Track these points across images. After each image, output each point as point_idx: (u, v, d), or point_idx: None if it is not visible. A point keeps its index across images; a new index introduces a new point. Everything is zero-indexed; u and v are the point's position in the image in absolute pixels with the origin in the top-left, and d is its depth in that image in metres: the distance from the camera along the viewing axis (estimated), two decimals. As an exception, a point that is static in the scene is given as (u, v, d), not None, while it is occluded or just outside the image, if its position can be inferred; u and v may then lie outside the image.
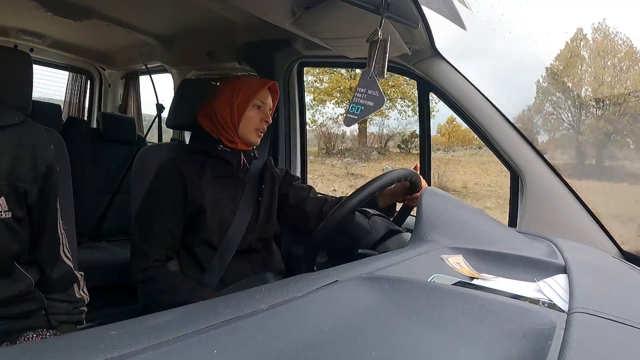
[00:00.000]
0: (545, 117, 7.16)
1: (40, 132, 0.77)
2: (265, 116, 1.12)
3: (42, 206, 0.76)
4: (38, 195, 0.74)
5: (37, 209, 0.75)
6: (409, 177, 0.99)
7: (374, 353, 0.38)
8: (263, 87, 1.12)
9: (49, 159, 0.75)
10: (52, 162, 0.76)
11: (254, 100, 1.10)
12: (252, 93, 1.11)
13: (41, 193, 0.75)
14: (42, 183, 0.75)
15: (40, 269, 0.78)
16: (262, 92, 1.12)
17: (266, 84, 1.13)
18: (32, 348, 0.36)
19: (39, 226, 0.77)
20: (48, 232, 0.78)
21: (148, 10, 1.76)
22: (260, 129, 1.12)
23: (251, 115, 1.11)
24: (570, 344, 0.37)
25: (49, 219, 0.78)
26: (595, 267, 0.71)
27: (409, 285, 0.51)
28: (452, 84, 1.21)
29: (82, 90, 2.82)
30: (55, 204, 0.79)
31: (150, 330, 0.35)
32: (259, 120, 1.12)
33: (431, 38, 1.17)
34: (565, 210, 1.11)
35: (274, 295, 0.45)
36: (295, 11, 1.09)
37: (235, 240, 1.08)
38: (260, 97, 1.11)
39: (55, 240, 0.80)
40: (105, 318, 1.09)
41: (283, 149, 1.69)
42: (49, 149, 0.76)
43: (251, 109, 1.11)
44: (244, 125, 1.10)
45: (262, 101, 1.12)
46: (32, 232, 0.76)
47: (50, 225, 0.78)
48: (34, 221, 0.76)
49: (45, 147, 0.76)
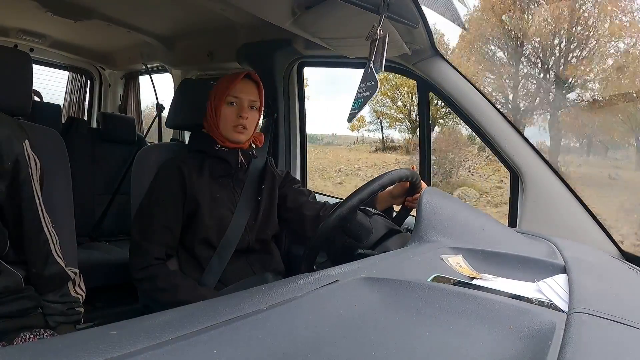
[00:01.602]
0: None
1: (6, 125, 0.73)
2: (241, 111, 1.09)
3: (14, 204, 0.73)
4: (7, 192, 0.71)
5: (9, 206, 0.72)
6: (409, 177, 0.99)
7: (373, 353, 0.38)
8: (234, 81, 1.09)
9: (14, 154, 0.71)
10: (20, 157, 0.72)
11: (226, 98, 1.09)
12: (224, 90, 1.09)
13: (11, 190, 0.71)
14: (11, 179, 0.71)
15: (28, 266, 0.76)
16: (234, 86, 1.09)
17: (238, 77, 1.10)
18: (32, 348, 0.36)
19: (16, 225, 0.74)
20: (29, 231, 0.75)
21: (148, 10, 1.76)
22: (238, 124, 1.09)
23: (226, 113, 1.09)
24: (570, 344, 0.37)
25: (27, 218, 0.74)
26: (595, 267, 0.71)
27: (408, 285, 0.51)
28: (451, 84, 1.21)
29: (82, 90, 2.83)
30: (32, 203, 0.75)
31: (150, 330, 0.35)
32: (235, 116, 1.09)
33: (431, 38, 1.17)
34: (565, 210, 1.11)
35: (274, 295, 0.45)
36: (295, 11, 1.10)
37: (233, 240, 1.08)
38: (233, 92, 1.09)
39: (42, 240, 0.77)
40: (105, 318, 1.09)
41: (283, 149, 1.69)
42: (17, 144, 0.72)
43: (226, 107, 1.09)
44: (223, 124, 1.09)
45: (236, 96, 1.09)
46: (9, 230, 0.73)
47: (31, 225, 0.75)
48: (7, 221, 0.73)
49: (10, 141, 0.71)
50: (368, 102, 0.80)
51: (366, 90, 0.80)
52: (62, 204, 0.90)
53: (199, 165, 1.09)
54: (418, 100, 1.37)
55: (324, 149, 10.10)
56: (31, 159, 0.76)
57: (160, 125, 2.29)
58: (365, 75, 0.80)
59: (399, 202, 1.11)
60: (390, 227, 0.96)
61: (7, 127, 0.73)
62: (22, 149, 0.73)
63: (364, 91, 0.80)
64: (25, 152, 0.74)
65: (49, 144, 0.90)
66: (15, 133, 0.74)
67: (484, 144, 1.22)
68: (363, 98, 0.80)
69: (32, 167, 0.75)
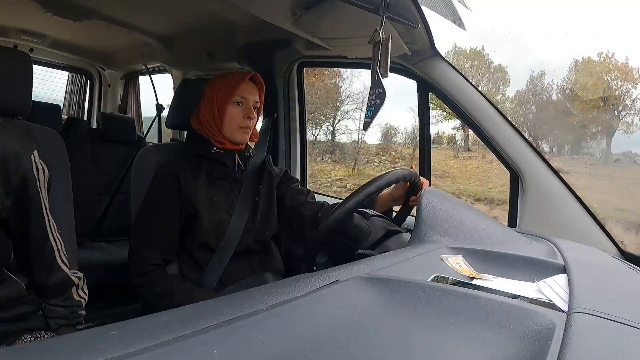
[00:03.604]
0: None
1: (14, 136, 0.70)
2: (249, 112, 1.08)
3: (21, 218, 0.71)
4: (14, 207, 0.69)
5: (15, 220, 0.70)
6: (408, 177, 0.98)
7: (373, 353, 0.38)
8: (241, 82, 1.08)
9: (22, 171, 0.68)
10: (29, 174, 0.69)
11: (233, 97, 1.07)
12: (230, 90, 1.07)
13: (17, 206, 0.69)
14: (18, 195, 0.69)
15: (31, 273, 0.75)
16: (241, 87, 1.08)
17: (245, 77, 1.09)
18: (32, 348, 0.36)
19: (22, 237, 0.73)
20: (35, 241, 0.74)
21: (148, 11, 1.76)
22: (245, 126, 1.08)
23: (233, 114, 1.07)
24: (570, 344, 0.37)
25: (34, 231, 0.73)
26: (595, 267, 0.71)
27: (408, 285, 0.51)
28: (451, 84, 1.21)
29: (82, 91, 2.83)
30: (41, 217, 0.73)
31: (150, 330, 0.35)
32: (242, 117, 1.08)
33: (431, 38, 1.17)
34: (565, 210, 1.11)
35: (274, 295, 0.45)
36: (295, 11, 1.10)
37: (232, 242, 1.07)
38: (240, 92, 1.07)
39: (47, 250, 0.75)
40: (105, 318, 1.08)
41: (283, 149, 1.69)
42: (25, 159, 0.69)
43: (232, 107, 1.07)
44: (227, 125, 1.07)
45: (243, 96, 1.08)
46: (15, 244, 0.72)
47: (38, 237, 0.74)
48: (13, 233, 0.71)
49: (18, 157, 0.68)
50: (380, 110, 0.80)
51: (376, 98, 0.79)
52: (62, 205, 0.90)
53: (196, 169, 1.08)
54: (418, 101, 1.37)
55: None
56: (39, 170, 0.73)
57: (160, 126, 2.29)
58: (373, 82, 0.79)
59: (399, 203, 1.11)
60: (389, 227, 0.96)
61: (15, 137, 0.71)
62: (30, 165, 0.71)
63: (374, 99, 0.79)
64: (34, 165, 0.72)
65: (50, 145, 0.90)
66: (23, 145, 0.71)
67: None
68: (374, 106, 0.80)
69: (41, 178, 0.73)
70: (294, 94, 1.70)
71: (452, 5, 1.04)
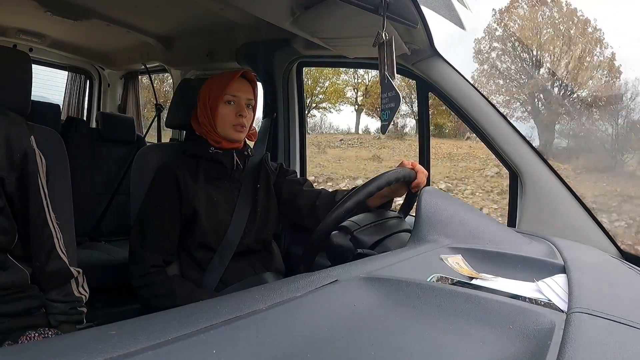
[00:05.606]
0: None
1: (16, 124, 0.77)
2: (240, 110, 1.08)
3: (22, 196, 0.76)
4: (17, 184, 0.75)
5: (17, 198, 0.76)
6: (407, 177, 0.97)
7: (373, 353, 0.38)
8: (231, 80, 1.08)
9: (24, 148, 0.76)
10: (28, 150, 0.77)
11: (224, 97, 1.07)
12: (221, 89, 1.07)
13: (20, 182, 0.75)
14: (20, 171, 0.75)
15: (34, 259, 0.79)
16: (231, 85, 1.07)
17: (235, 75, 1.09)
18: (32, 348, 0.36)
19: (23, 218, 0.77)
20: (34, 224, 0.78)
21: (148, 10, 1.76)
22: (238, 124, 1.08)
23: (225, 113, 1.07)
24: (570, 344, 0.37)
25: (33, 211, 0.78)
26: (595, 267, 0.72)
27: (408, 285, 0.51)
28: (451, 83, 1.21)
29: (82, 90, 2.82)
30: (38, 196, 0.78)
31: (150, 330, 0.35)
32: (234, 115, 1.07)
33: (430, 38, 1.17)
34: (565, 210, 1.11)
35: (274, 295, 0.45)
36: (295, 11, 1.10)
37: (233, 242, 1.07)
38: (230, 91, 1.07)
39: (46, 234, 0.79)
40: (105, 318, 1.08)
41: (282, 149, 1.69)
42: (24, 139, 0.77)
43: (224, 106, 1.07)
44: (220, 124, 1.08)
45: (234, 94, 1.08)
46: (17, 224, 0.76)
47: (36, 218, 0.78)
48: (16, 213, 0.76)
49: (19, 137, 0.76)
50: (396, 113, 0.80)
51: (390, 102, 0.79)
52: (62, 204, 0.90)
53: (194, 169, 1.08)
54: (417, 101, 1.37)
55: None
56: (37, 153, 0.79)
57: (160, 126, 2.29)
58: (384, 85, 0.79)
59: (400, 194, 1.05)
60: (385, 233, 0.94)
61: (15, 125, 0.77)
62: (29, 143, 0.78)
63: (388, 102, 0.79)
64: (33, 147, 0.78)
65: (49, 144, 0.90)
66: (23, 130, 0.78)
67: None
68: (390, 110, 0.79)
69: (39, 161, 0.79)
70: (293, 94, 1.70)
71: (451, 5, 1.04)
